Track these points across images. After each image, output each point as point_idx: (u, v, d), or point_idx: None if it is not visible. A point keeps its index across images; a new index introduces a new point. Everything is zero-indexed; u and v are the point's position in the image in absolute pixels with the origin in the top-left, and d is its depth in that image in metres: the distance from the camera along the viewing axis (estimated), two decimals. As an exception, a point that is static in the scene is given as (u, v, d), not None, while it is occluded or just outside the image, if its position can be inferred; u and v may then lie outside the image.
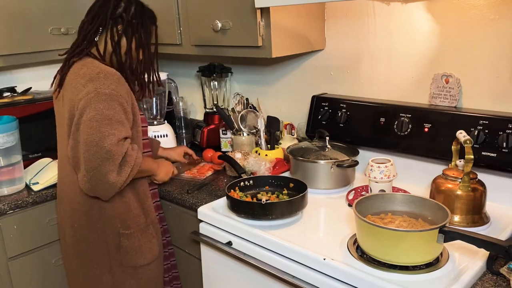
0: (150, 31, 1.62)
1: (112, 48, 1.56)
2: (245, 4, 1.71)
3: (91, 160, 1.39)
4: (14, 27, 2.04)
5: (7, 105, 2.01)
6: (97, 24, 1.55)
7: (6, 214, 1.79)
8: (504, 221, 1.41)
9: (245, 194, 1.60)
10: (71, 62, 1.55)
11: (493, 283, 1.12)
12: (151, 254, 1.62)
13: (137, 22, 1.57)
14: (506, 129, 1.45)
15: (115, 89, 1.44)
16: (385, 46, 1.80)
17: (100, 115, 1.40)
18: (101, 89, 1.42)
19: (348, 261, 1.22)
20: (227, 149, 2.16)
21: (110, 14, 1.54)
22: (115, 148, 1.40)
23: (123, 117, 1.46)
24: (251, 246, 1.40)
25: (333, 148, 1.75)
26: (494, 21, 1.51)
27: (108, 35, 1.55)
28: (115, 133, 1.41)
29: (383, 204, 1.33)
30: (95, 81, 1.43)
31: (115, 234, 1.56)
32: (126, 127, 1.46)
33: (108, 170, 1.40)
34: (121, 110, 1.45)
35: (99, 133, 1.39)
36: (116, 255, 1.57)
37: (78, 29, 1.60)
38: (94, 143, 1.38)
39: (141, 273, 1.61)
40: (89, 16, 1.58)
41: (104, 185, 1.42)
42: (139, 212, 1.60)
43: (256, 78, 2.32)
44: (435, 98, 1.68)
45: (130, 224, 1.57)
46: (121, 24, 1.56)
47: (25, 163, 1.98)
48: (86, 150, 1.39)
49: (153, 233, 1.63)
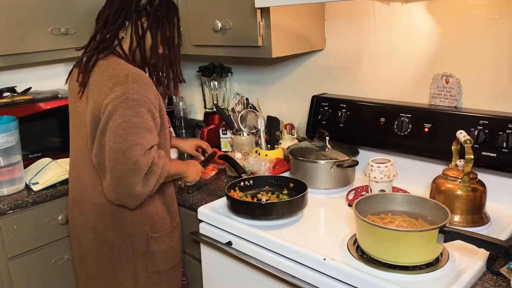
0: (174, 24, 1.54)
1: (136, 43, 1.47)
2: (245, 4, 1.71)
3: (117, 169, 1.34)
4: (14, 27, 2.03)
5: (7, 105, 2.01)
6: (122, 17, 1.46)
7: (6, 214, 1.79)
8: (504, 221, 1.41)
9: (245, 194, 1.60)
10: (95, 59, 1.46)
11: (493, 283, 1.12)
12: (176, 258, 1.60)
13: (161, 14, 1.48)
14: (506, 129, 1.45)
15: (143, 94, 1.38)
16: (385, 46, 1.80)
17: (127, 122, 1.34)
18: (130, 94, 1.35)
19: (348, 261, 1.22)
20: (227, 149, 2.16)
21: (134, 7, 1.46)
22: (141, 159, 1.35)
23: (151, 124, 1.40)
24: (251, 246, 1.40)
25: (333, 148, 1.75)
26: (494, 21, 1.51)
27: (133, 29, 1.47)
28: (143, 142, 1.36)
29: (383, 204, 1.33)
30: (123, 84, 1.36)
31: (143, 238, 1.50)
32: (153, 135, 1.41)
33: (134, 182, 1.35)
34: (149, 116, 1.39)
35: (126, 142, 1.33)
36: (142, 260, 1.51)
37: (99, 21, 1.51)
38: (121, 153, 1.33)
39: (164, 279, 1.58)
40: (113, 8, 1.47)
41: (130, 196, 1.38)
42: (166, 215, 1.56)
43: (256, 78, 2.32)
44: (435, 98, 1.68)
45: (158, 228, 1.53)
46: (145, 17, 1.47)
47: (25, 163, 1.98)
48: (112, 159, 1.34)
49: (177, 237, 1.61)
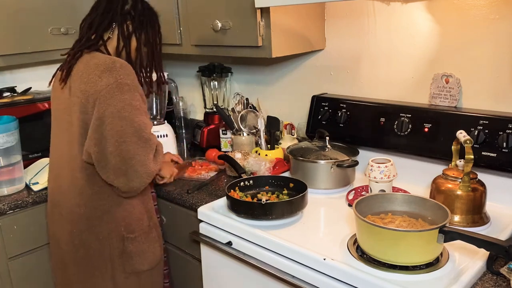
0: (156, 29, 1.62)
1: (123, 44, 1.54)
2: (245, 4, 1.71)
3: (129, 150, 1.37)
4: (14, 27, 2.03)
5: (7, 105, 2.01)
6: (108, 19, 1.53)
7: (6, 214, 1.79)
8: (504, 221, 1.41)
9: (245, 194, 1.60)
10: (79, 54, 1.49)
11: (493, 283, 1.12)
12: (154, 258, 1.59)
13: (145, 19, 1.57)
14: (506, 129, 1.45)
15: (134, 80, 1.43)
16: (385, 46, 1.80)
17: (129, 105, 1.38)
18: (122, 80, 1.39)
19: (348, 261, 1.22)
20: (227, 149, 2.16)
21: (120, 10, 1.53)
22: (152, 137, 1.42)
23: (145, 108, 1.46)
24: (251, 246, 1.40)
25: (333, 148, 1.75)
26: (494, 21, 1.51)
27: (119, 31, 1.53)
28: (148, 122, 1.43)
29: (383, 204, 1.33)
30: (113, 71, 1.39)
31: (118, 239, 1.51)
32: (149, 117, 1.47)
33: (147, 158, 1.40)
34: (142, 101, 1.45)
35: (134, 123, 1.38)
36: (119, 261, 1.52)
37: (84, 24, 1.56)
38: (132, 133, 1.37)
39: (143, 279, 1.58)
40: (99, 11, 1.54)
41: (143, 175, 1.41)
42: (143, 215, 1.56)
43: (256, 78, 2.32)
44: (435, 98, 1.68)
45: (135, 228, 1.53)
46: (130, 21, 1.54)
47: (25, 163, 1.98)
48: (122, 142, 1.36)
49: (156, 236, 1.61)
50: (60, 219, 1.55)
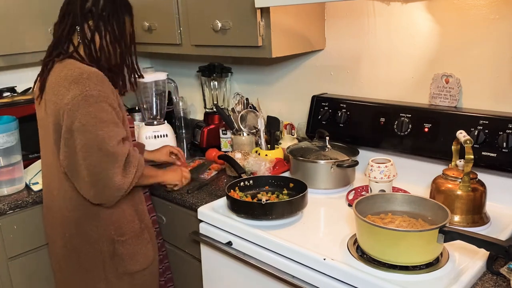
0: (124, 21, 1.53)
1: (86, 47, 1.48)
2: (245, 4, 1.71)
3: (94, 165, 1.35)
4: (14, 27, 2.03)
5: (7, 105, 2.01)
6: (69, 22, 1.47)
7: (6, 214, 1.79)
8: (504, 221, 1.41)
9: (245, 194, 1.60)
10: (51, 63, 1.46)
11: (493, 283, 1.12)
12: (147, 259, 1.59)
13: (107, 14, 1.48)
14: (506, 129, 1.45)
15: (101, 90, 1.38)
16: (385, 46, 1.80)
17: (94, 118, 1.35)
18: (88, 91, 1.35)
19: (348, 261, 1.22)
20: (227, 149, 2.16)
21: (79, 10, 1.46)
22: (117, 149, 1.36)
23: (116, 118, 1.41)
24: (251, 246, 1.40)
25: (333, 148, 1.75)
26: (494, 21, 1.51)
27: (80, 33, 1.47)
28: (114, 134, 1.37)
29: (383, 204, 1.33)
30: (79, 83, 1.36)
31: (109, 242, 1.51)
32: (121, 128, 1.42)
33: (113, 173, 1.36)
34: (112, 111, 1.40)
35: (98, 136, 1.34)
36: (111, 263, 1.52)
37: (53, 30, 1.52)
38: (96, 148, 1.34)
39: (137, 279, 1.58)
40: (59, 15, 1.50)
41: (111, 189, 1.38)
42: (133, 217, 1.56)
43: (256, 78, 2.32)
44: (435, 98, 1.68)
45: (125, 231, 1.53)
46: (91, 19, 1.47)
47: (25, 163, 1.98)
48: (87, 156, 1.35)
49: (148, 238, 1.60)
50: (54, 222, 1.57)
